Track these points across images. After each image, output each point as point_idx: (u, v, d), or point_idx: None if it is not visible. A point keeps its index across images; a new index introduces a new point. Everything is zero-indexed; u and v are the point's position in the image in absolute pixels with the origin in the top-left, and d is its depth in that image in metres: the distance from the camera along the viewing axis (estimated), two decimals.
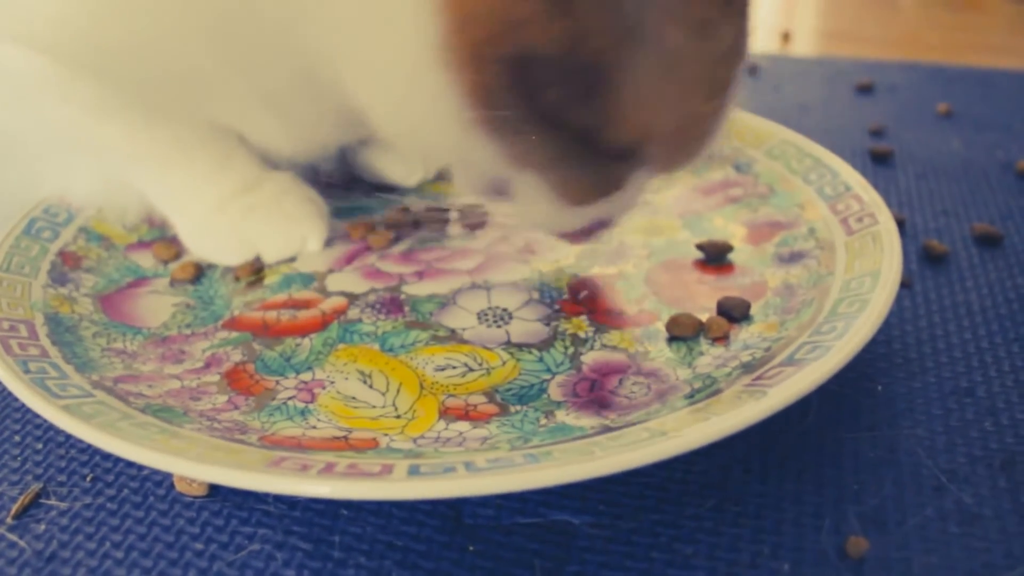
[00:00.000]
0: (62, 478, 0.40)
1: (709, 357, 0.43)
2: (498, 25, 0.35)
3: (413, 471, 0.33)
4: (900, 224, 0.51)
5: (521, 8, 0.35)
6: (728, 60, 0.38)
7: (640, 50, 0.36)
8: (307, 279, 0.51)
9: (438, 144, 0.42)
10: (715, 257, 0.50)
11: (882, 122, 0.72)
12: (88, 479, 0.40)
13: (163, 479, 0.40)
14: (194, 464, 0.33)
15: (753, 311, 0.45)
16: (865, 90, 0.81)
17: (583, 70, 0.36)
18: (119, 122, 0.48)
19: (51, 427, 0.43)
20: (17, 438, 0.43)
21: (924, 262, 0.53)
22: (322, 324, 0.47)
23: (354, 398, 0.42)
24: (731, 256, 0.50)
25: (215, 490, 0.39)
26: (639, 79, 0.36)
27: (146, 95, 0.47)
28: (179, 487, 0.39)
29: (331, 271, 0.51)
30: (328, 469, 0.33)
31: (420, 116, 0.40)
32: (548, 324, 0.46)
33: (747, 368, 0.40)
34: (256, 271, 0.51)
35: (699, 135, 0.40)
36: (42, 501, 0.39)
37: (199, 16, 0.42)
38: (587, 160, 0.39)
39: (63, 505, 0.39)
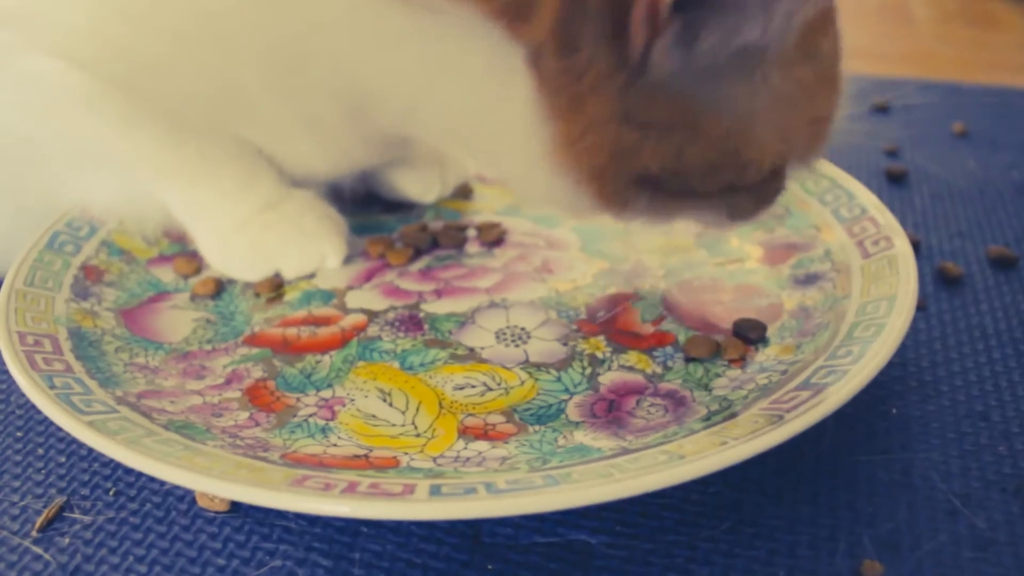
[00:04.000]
0: (85, 492, 0.41)
1: (726, 379, 0.43)
2: (610, 157, 0.38)
3: (435, 491, 0.33)
4: (915, 246, 0.51)
5: (628, 138, 0.38)
6: (835, 63, 0.41)
7: (756, 104, 0.38)
8: (327, 296, 0.51)
9: (574, 209, 0.44)
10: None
11: (897, 142, 0.73)
12: (111, 493, 0.41)
13: (185, 494, 0.40)
14: (219, 482, 0.34)
15: (769, 333, 0.46)
16: (880, 109, 0.81)
17: (703, 161, 0.39)
18: (148, 137, 0.48)
19: (74, 440, 0.43)
20: (40, 451, 0.43)
21: (939, 284, 0.53)
22: (342, 341, 0.47)
23: (374, 416, 0.42)
24: (747, 276, 0.51)
25: (236, 506, 0.39)
26: (762, 124, 0.39)
27: (181, 112, 0.48)
28: (201, 502, 0.40)
29: (350, 288, 0.52)
30: (350, 489, 0.34)
31: (547, 193, 0.42)
32: (566, 344, 0.46)
33: (764, 391, 0.40)
34: (276, 287, 0.52)
35: (828, 127, 0.42)
36: (66, 514, 0.40)
37: (251, 42, 0.43)
38: (740, 196, 0.41)
39: (87, 519, 0.39)
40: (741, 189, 0.41)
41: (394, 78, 0.43)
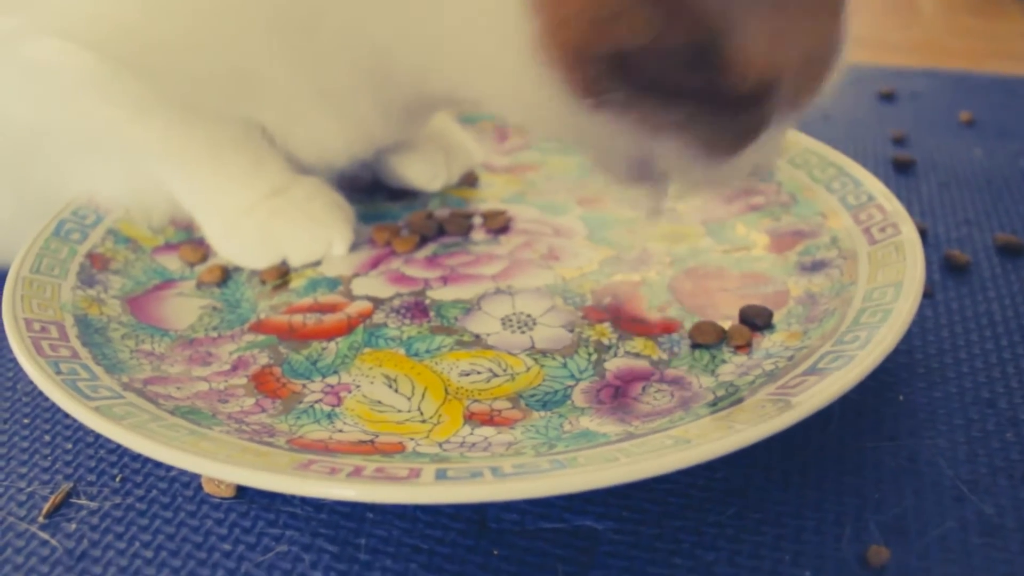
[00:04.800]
0: (92, 478, 0.41)
1: (732, 365, 0.43)
2: (590, 25, 0.37)
3: (440, 475, 0.33)
4: (922, 234, 0.51)
5: (609, 4, 0.37)
6: None
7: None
8: (333, 283, 0.51)
9: (560, 130, 0.45)
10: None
11: (904, 130, 0.72)
12: (118, 479, 0.41)
13: (191, 480, 0.40)
14: (224, 466, 0.34)
15: (776, 320, 0.46)
16: (887, 98, 0.80)
17: (684, 43, 0.37)
18: (156, 121, 0.48)
19: (81, 427, 0.43)
20: (47, 438, 0.43)
21: (946, 272, 0.53)
22: (348, 328, 0.47)
23: (380, 402, 0.42)
24: (754, 264, 0.51)
25: (242, 492, 0.39)
26: (751, 23, 0.37)
27: (192, 94, 0.48)
28: (207, 488, 0.40)
29: (356, 275, 0.52)
30: (356, 473, 0.34)
31: (532, 106, 0.43)
32: (572, 330, 0.46)
33: (770, 377, 0.40)
34: (282, 274, 0.52)
35: (827, 59, 0.40)
36: (72, 500, 0.40)
37: (260, 15, 0.43)
38: (719, 111, 0.40)
39: (93, 505, 0.39)
40: (721, 103, 0.39)
41: (407, 19, 0.43)
